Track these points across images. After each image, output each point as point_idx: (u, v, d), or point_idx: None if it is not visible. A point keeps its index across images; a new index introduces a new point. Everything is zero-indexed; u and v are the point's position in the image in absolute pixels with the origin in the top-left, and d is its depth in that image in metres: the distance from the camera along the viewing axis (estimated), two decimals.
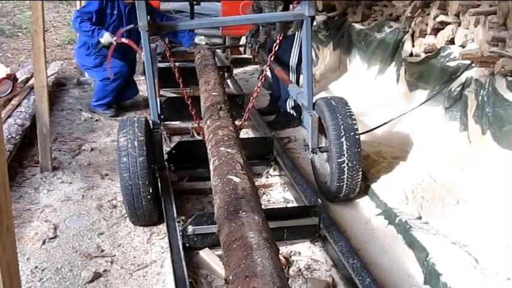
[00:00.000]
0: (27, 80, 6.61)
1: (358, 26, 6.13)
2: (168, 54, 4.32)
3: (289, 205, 4.08)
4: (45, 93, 4.54)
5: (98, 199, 4.33)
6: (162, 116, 5.49)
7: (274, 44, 4.22)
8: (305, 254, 3.44)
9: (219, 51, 7.82)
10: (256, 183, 4.28)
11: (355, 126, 3.83)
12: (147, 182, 3.59)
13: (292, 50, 5.33)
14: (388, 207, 3.68)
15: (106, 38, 5.73)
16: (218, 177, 2.74)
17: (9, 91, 5.90)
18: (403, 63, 5.07)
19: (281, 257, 3.33)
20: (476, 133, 3.85)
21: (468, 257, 3.03)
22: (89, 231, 3.87)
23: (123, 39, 5.64)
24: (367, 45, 5.83)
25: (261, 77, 4.39)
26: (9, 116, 5.28)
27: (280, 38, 4.22)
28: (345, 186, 3.83)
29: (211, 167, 3.01)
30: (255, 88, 4.46)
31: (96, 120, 6.28)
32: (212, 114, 3.70)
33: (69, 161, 5.09)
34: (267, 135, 4.91)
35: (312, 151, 4.07)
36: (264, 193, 4.32)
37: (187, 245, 3.32)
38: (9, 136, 4.83)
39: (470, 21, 4.08)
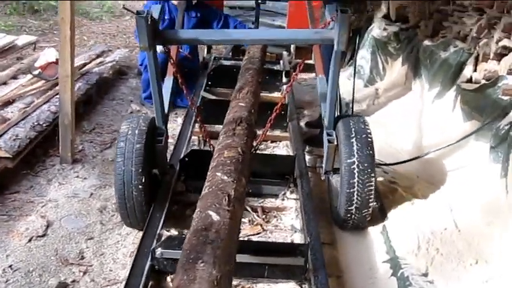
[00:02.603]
0: (84, 65, 6.64)
1: (426, 42, 5.60)
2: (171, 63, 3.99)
3: (296, 235, 3.73)
4: (69, 83, 4.45)
5: (105, 200, 4.18)
6: (198, 119, 5.31)
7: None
8: None
9: (285, 53, 7.52)
10: (270, 205, 4.06)
11: (371, 158, 3.47)
12: (140, 170, 3.42)
13: None
14: (395, 256, 3.25)
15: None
16: (199, 210, 2.44)
17: (56, 76, 5.91)
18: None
19: None
20: None
21: None
22: (79, 234, 3.72)
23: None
24: (432, 63, 5.31)
25: (287, 86, 4.03)
26: (46, 102, 5.26)
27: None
28: (352, 217, 3.54)
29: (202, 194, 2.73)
30: (282, 95, 4.13)
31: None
32: (228, 130, 3.43)
33: (95, 154, 5.00)
34: (297, 151, 4.55)
35: (325, 173, 3.84)
36: (275, 216, 3.99)
37: (156, 267, 3.07)
38: (35, 123, 4.79)
39: None
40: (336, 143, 3.67)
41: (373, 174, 3.48)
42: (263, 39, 4.03)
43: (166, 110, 3.88)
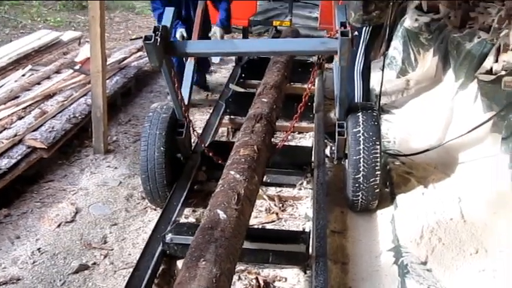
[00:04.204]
0: (123, 59, 6.89)
1: (453, 33, 5.56)
2: None
3: (309, 223, 3.84)
4: (100, 78, 4.69)
5: (133, 188, 4.40)
6: (228, 110, 5.46)
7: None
8: (290, 281, 3.21)
9: None
10: (287, 194, 4.19)
11: (376, 150, 3.62)
12: (161, 153, 3.75)
13: (359, 50, 4.90)
14: (398, 244, 3.32)
15: (179, 35, 5.64)
16: (209, 208, 2.62)
17: None
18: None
19: (261, 281, 3.17)
20: None
21: None
22: (105, 220, 3.95)
23: None
24: (458, 54, 5.27)
25: (311, 74, 4.04)
26: (83, 95, 5.52)
27: None
28: (361, 187, 3.72)
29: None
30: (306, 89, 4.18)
31: None
32: (247, 127, 3.60)
33: (127, 145, 5.24)
34: (318, 142, 4.64)
35: (337, 159, 4.07)
36: (291, 205, 4.12)
37: (167, 252, 3.24)
38: (72, 116, 5.05)
39: None
40: (345, 136, 3.81)
41: (378, 143, 3.66)
42: (270, 51, 4.02)
43: (186, 102, 4.05)
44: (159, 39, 3.15)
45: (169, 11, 3.72)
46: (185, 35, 5.61)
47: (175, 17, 5.02)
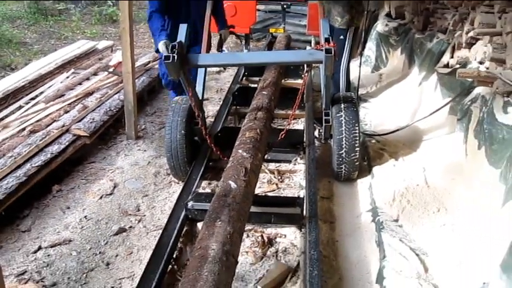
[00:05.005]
0: (148, 63, 6.87)
1: (417, 35, 5.56)
2: None
3: (302, 191, 3.86)
4: (131, 78, 4.68)
5: (159, 166, 4.41)
6: (234, 102, 5.46)
7: None
8: (289, 237, 3.25)
9: (308, 47, 7.54)
10: (284, 168, 4.20)
11: (355, 131, 3.68)
12: (182, 136, 3.79)
13: (345, 50, 4.85)
14: (375, 206, 3.35)
15: (161, 47, 4.14)
16: (223, 180, 2.65)
17: None
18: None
19: (265, 238, 3.20)
20: (473, 147, 3.35)
21: (418, 266, 2.67)
22: (137, 193, 3.98)
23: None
24: (421, 52, 5.28)
25: (304, 73, 4.06)
26: (117, 92, 5.53)
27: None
28: (343, 160, 3.75)
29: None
30: (301, 84, 4.19)
31: None
32: (251, 114, 3.61)
33: (154, 132, 5.25)
34: (308, 126, 4.65)
35: (324, 139, 4.08)
36: (288, 177, 4.14)
37: (189, 216, 3.28)
38: (108, 109, 5.06)
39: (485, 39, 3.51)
40: (330, 123, 3.84)
41: (357, 125, 3.68)
42: (268, 62, 4.11)
43: (200, 97, 4.04)
44: (176, 57, 3.02)
45: (183, 28, 3.67)
46: (168, 43, 4.04)
47: (160, 26, 4.27)
